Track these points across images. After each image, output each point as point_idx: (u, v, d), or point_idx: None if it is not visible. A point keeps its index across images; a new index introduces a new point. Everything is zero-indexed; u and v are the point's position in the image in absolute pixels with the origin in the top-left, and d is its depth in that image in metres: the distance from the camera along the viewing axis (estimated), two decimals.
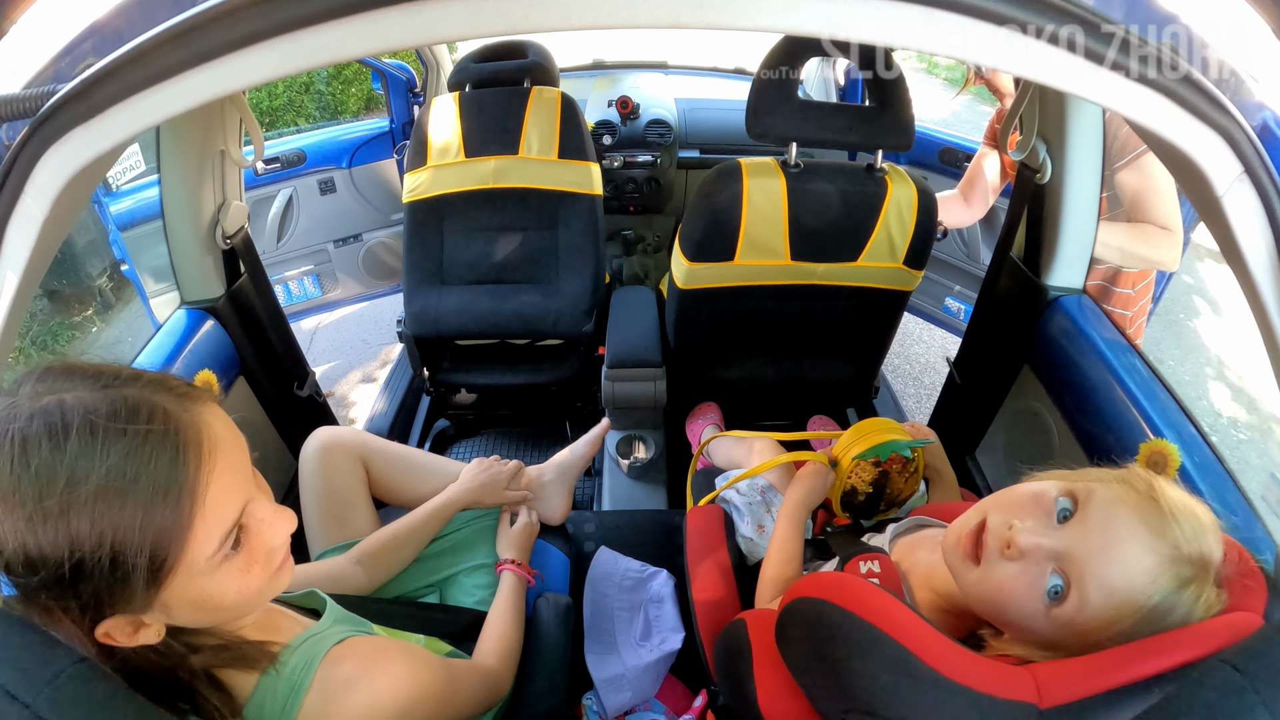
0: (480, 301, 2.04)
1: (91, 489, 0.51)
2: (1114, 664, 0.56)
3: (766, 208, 1.47)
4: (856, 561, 0.89)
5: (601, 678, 1.32)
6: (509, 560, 1.25)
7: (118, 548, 0.52)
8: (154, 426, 0.54)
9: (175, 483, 0.54)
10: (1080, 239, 1.41)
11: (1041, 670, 0.57)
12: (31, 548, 0.51)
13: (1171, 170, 0.80)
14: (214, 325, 1.44)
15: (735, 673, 0.89)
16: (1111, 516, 0.59)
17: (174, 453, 0.54)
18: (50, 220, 0.64)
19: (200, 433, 0.57)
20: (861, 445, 1.16)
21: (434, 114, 2.05)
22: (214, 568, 0.58)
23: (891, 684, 0.57)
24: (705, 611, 1.20)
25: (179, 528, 0.54)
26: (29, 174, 0.62)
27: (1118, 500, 0.60)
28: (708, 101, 2.80)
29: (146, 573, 0.54)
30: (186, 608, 0.59)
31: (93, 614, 0.55)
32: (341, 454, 1.26)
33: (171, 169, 1.31)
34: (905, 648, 0.58)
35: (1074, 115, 1.29)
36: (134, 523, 0.52)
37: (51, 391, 0.54)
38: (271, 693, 0.67)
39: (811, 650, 0.67)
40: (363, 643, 0.77)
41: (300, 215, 2.63)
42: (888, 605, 0.63)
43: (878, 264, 1.56)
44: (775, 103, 1.40)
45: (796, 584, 0.74)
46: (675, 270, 1.66)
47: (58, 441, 0.51)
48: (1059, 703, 0.55)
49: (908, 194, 1.47)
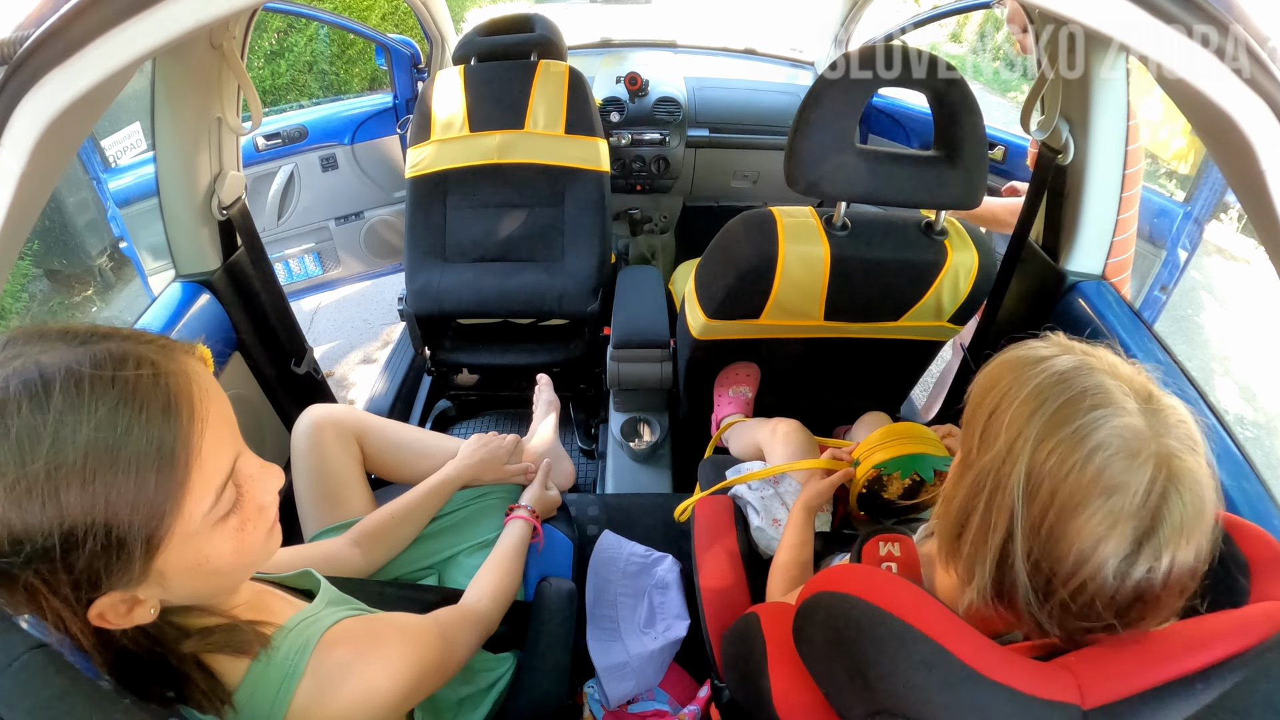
0: (484, 279, 2.00)
1: (80, 449, 0.47)
2: (1155, 660, 0.53)
3: (804, 277, 1.27)
4: (876, 541, 0.85)
5: (604, 665, 1.29)
6: (526, 508, 1.22)
7: (112, 511, 0.48)
8: (143, 373, 0.50)
9: (170, 434, 0.51)
10: (1101, 223, 1.36)
11: (1082, 668, 0.54)
12: (15, 521, 0.47)
13: (1209, 140, 0.76)
14: (209, 299, 1.40)
15: (747, 668, 0.85)
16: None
17: (166, 401, 0.51)
18: (29, 175, 0.60)
19: (190, 381, 0.53)
20: (885, 453, 1.10)
21: (438, 87, 2.01)
22: (209, 526, 0.55)
23: (925, 683, 0.53)
24: (712, 600, 1.17)
25: (176, 483, 0.51)
26: (4, 125, 0.58)
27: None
28: (718, 81, 2.74)
29: (144, 536, 0.50)
30: (182, 575, 0.55)
31: (86, 590, 0.51)
32: (335, 432, 1.22)
33: (166, 136, 1.26)
34: (940, 644, 0.54)
35: (1098, 95, 1.23)
36: (128, 482, 0.49)
37: (21, 355, 0.49)
38: (263, 679, 0.64)
39: (834, 649, 0.62)
40: (357, 625, 0.73)
41: (301, 192, 2.58)
42: (917, 599, 0.59)
43: (919, 323, 1.41)
44: (826, 151, 1.15)
45: (815, 578, 0.70)
46: (690, 320, 1.50)
47: (39, 401, 0.47)
48: (1102, 702, 0.51)
49: (968, 261, 1.28)
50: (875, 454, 1.11)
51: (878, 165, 1.17)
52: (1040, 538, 0.54)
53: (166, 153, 1.28)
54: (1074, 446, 0.52)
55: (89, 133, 0.72)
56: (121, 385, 0.49)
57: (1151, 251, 2.30)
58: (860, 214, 1.31)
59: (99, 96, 0.59)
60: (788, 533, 1.09)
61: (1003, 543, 0.56)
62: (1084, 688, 0.52)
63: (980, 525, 0.58)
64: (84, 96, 0.56)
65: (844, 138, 1.15)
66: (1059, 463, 0.53)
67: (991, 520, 0.57)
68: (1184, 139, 4.64)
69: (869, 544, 0.85)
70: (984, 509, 0.58)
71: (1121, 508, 0.51)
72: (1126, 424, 0.52)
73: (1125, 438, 0.52)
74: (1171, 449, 0.52)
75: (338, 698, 0.66)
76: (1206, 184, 2.16)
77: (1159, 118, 4.65)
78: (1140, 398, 0.54)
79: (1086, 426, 0.53)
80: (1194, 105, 0.70)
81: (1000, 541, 0.56)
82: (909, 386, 1.83)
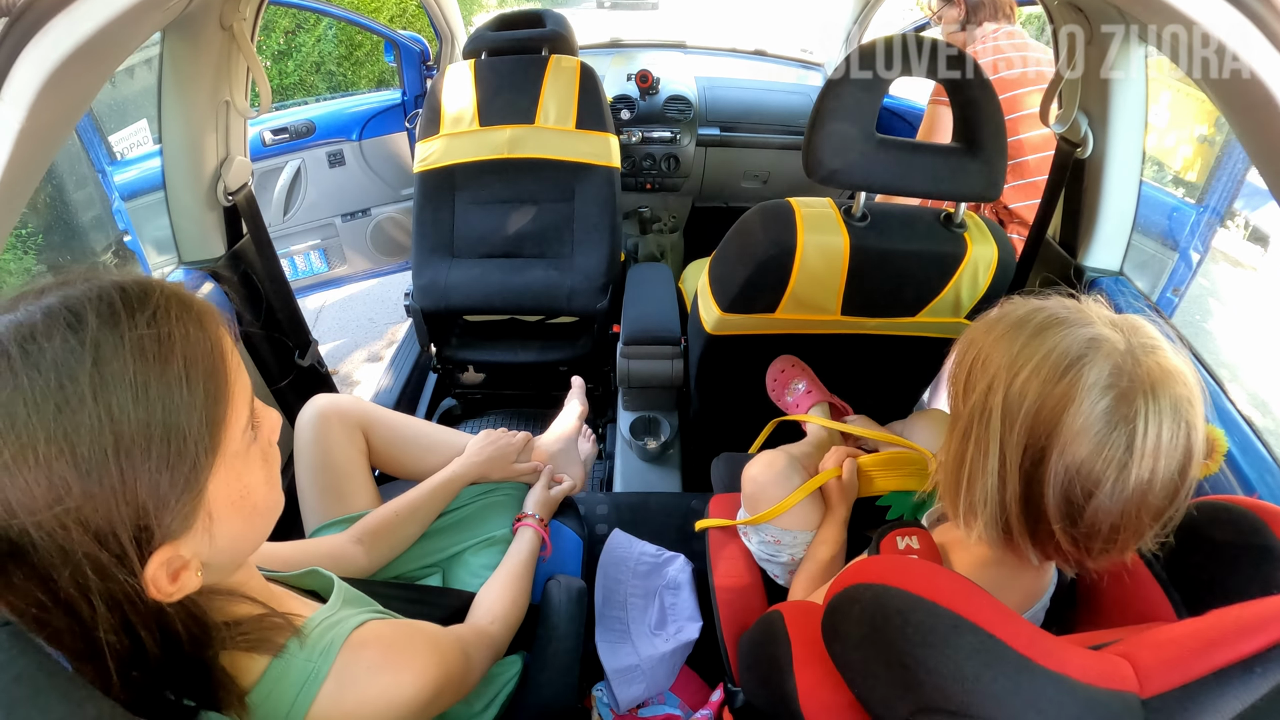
0: (491, 275, 1.97)
1: (127, 357, 0.46)
2: (1209, 644, 0.50)
3: (822, 268, 1.24)
4: (894, 536, 0.82)
5: (614, 668, 1.25)
6: (534, 517, 1.18)
7: (169, 412, 0.47)
8: (168, 292, 0.51)
9: (207, 341, 0.51)
10: (1120, 218, 1.33)
11: (1137, 655, 0.51)
12: (65, 454, 0.44)
13: (1230, 113, 0.73)
14: (213, 287, 1.37)
15: (769, 668, 0.81)
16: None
17: (198, 317, 0.52)
18: (28, 131, 0.57)
19: (202, 301, 0.54)
20: (886, 482, 1.08)
21: (448, 81, 1.99)
22: (246, 447, 0.55)
23: (977, 675, 0.49)
24: (728, 599, 1.13)
25: (223, 386, 0.51)
26: (4, 76, 0.55)
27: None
28: (728, 80, 2.72)
29: (205, 441, 0.50)
30: (228, 513, 0.54)
31: (143, 542, 0.48)
32: (340, 423, 1.18)
33: (173, 118, 1.24)
34: (991, 632, 0.50)
35: (1118, 87, 1.21)
36: (180, 390, 0.48)
37: (28, 302, 0.47)
38: (283, 679, 0.60)
39: (872, 643, 0.58)
40: (386, 629, 0.70)
41: (308, 188, 2.56)
42: (961, 585, 0.55)
43: (937, 319, 1.38)
44: (848, 141, 1.12)
45: (845, 572, 0.67)
46: (704, 314, 1.46)
47: (71, 327, 0.46)
48: (1160, 690, 0.48)
49: (988, 255, 1.25)
50: (872, 483, 1.07)
51: (898, 155, 1.14)
52: (1034, 450, 0.58)
53: (173, 135, 1.25)
54: (1048, 363, 0.57)
55: (92, 96, 0.69)
56: (154, 303, 0.49)
57: (1164, 253, 2.28)
58: (879, 206, 1.28)
59: (102, 49, 0.56)
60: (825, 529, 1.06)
61: (1000, 468, 0.61)
62: (1141, 675, 0.49)
63: (976, 458, 0.63)
64: (87, 45, 0.53)
65: (864, 127, 1.12)
66: (1037, 379, 0.58)
67: (986, 447, 0.61)
68: (1191, 146, 4.62)
69: (887, 539, 0.83)
70: (975, 442, 0.63)
71: (1102, 388, 0.55)
72: (1098, 332, 0.57)
73: (1098, 343, 0.57)
74: (1144, 344, 0.57)
75: (360, 702, 0.62)
76: (1219, 183, 2.14)
77: (1165, 124, 4.62)
78: (1104, 319, 0.60)
79: (1057, 341, 0.58)
80: (1224, 83, 0.68)
81: (997, 466, 0.61)
82: (923, 387, 1.80)
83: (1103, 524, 0.57)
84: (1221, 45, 0.61)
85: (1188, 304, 3.76)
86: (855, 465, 1.09)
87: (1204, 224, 2.13)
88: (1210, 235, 2.16)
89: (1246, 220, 4.35)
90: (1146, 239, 2.29)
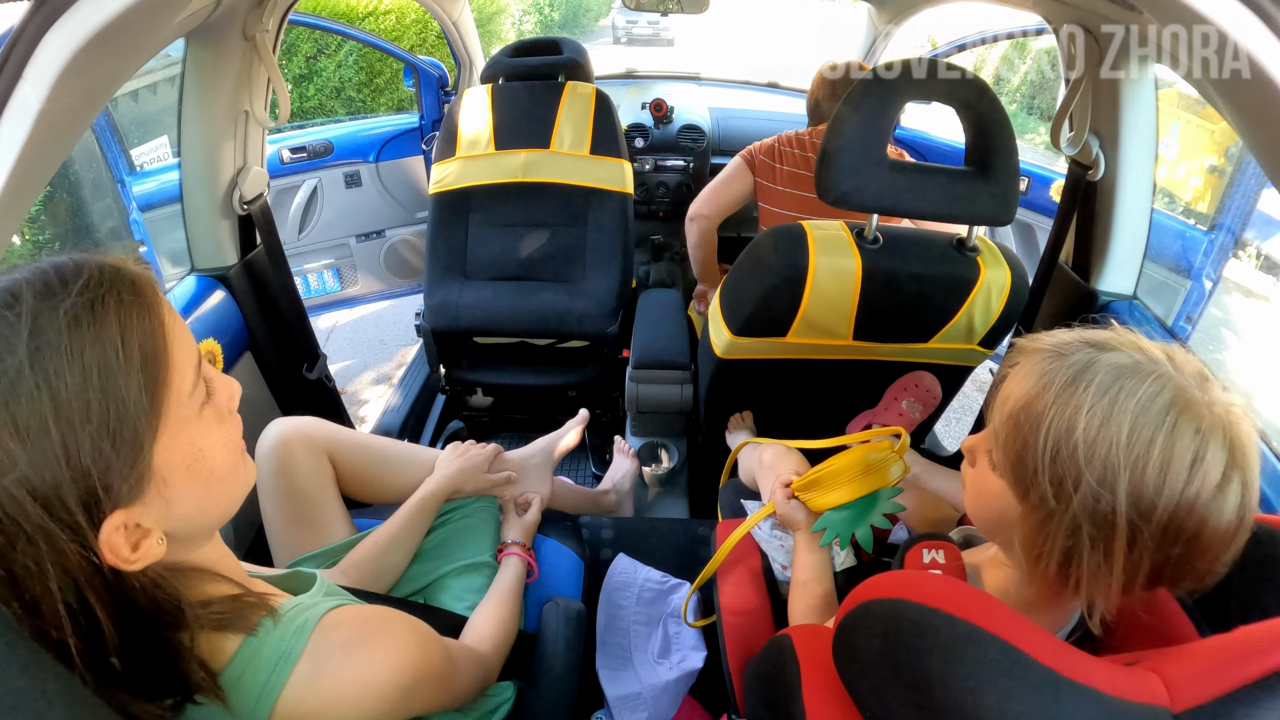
0: (503, 297, 1.97)
1: (61, 327, 0.47)
2: (1240, 656, 0.47)
3: (834, 291, 1.22)
4: (920, 549, 0.79)
5: (615, 695, 1.22)
6: (516, 543, 1.15)
7: (105, 377, 0.48)
8: (102, 265, 0.51)
9: (143, 306, 0.51)
10: (1133, 240, 1.33)
11: (1166, 668, 0.48)
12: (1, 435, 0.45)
13: (1232, 112, 0.72)
14: (225, 296, 1.38)
15: (776, 694, 0.78)
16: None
17: (132, 284, 0.51)
18: (48, 112, 0.57)
19: (140, 273, 0.54)
20: (836, 498, 0.99)
21: (465, 105, 2.01)
22: (196, 410, 0.55)
23: (1001, 690, 0.46)
24: (734, 624, 1.10)
25: (161, 349, 0.51)
26: (29, 56, 0.56)
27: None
28: (742, 111, 2.75)
29: (144, 404, 0.49)
30: (183, 477, 0.54)
31: (92, 508, 0.48)
32: (304, 448, 1.11)
33: (193, 126, 1.25)
34: (1013, 645, 0.48)
35: (1129, 108, 1.22)
36: (114, 351, 0.48)
37: None
38: (255, 660, 0.58)
39: (887, 660, 0.55)
40: (362, 610, 0.68)
41: (324, 207, 2.59)
42: (980, 599, 0.52)
43: (949, 345, 1.35)
44: (858, 162, 1.12)
45: (859, 588, 0.64)
46: (714, 338, 1.44)
47: (8, 305, 0.47)
48: (1192, 704, 0.45)
49: (1000, 279, 1.23)
50: (825, 502, 0.99)
51: (910, 178, 1.14)
52: (1170, 548, 0.53)
53: (192, 142, 1.27)
54: (1174, 454, 0.51)
55: (113, 87, 0.69)
56: (86, 273, 0.49)
57: (1176, 279, 2.26)
58: (891, 229, 1.27)
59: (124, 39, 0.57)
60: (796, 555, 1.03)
61: (1124, 572, 0.55)
62: (1172, 689, 0.46)
63: (1092, 558, 0.55)
64: (110, 29, 0.53)
65: (876, 149, 1.12)
66: (1170, 473, 0.51)
67: (1111, 552, 0.54)
68: (1201, 178, 4.64)
69: (912, 551, 0.80)
70: (1090, 540, 0.55)
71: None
72: (1190, 397, 0.52)
73: (1197, 412, 0.52)
74: (1230, 415, 0.52)
75: (334, 683, 0.60)
76: (1232, 205, 2.13)
77: (1176, 156, 4.65)
78: (1190, 374, 0.55)
79: (1172, 423, 0.52)
80: (1225, 83, 0.67)
81: (1122, 563, 0.54)
82: (935, 418, 1.77)
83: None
84: (1222, 41, 0.61)
85: (1200, 335, 3.74)
86: (786, 492, 1.04)
87: (1217, 248, 2.11)
88: (1223, 261, 2.14)
89: (1259, 250, 4.31)
90: (1158, 266, 2.28)
